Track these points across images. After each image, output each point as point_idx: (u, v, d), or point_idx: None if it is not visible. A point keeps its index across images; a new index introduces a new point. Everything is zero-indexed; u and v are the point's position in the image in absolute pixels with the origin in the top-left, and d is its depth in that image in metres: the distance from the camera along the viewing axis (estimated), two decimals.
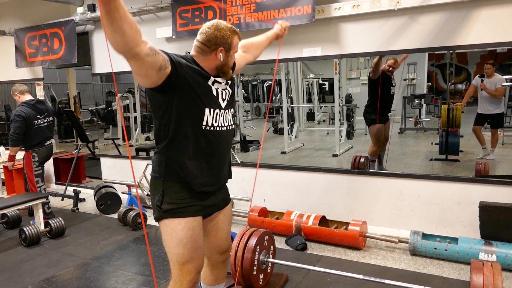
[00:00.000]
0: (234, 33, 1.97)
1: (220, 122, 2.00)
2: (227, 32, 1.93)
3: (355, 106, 7.90)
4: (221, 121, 2.01)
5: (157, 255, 3.70)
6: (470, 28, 3.44)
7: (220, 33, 1.91)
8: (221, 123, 2.00)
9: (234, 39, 1.96)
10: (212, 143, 1.98)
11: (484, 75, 5.90)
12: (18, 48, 6.07)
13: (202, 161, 1.97)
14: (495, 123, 5.96)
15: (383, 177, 4.06)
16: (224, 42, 1.92)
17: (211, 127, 1.96)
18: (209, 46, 1.92)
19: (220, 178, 2.11)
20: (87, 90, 13.83)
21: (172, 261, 2.00)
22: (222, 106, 2.01)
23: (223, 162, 2.10)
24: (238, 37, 2.00)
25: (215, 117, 1.96)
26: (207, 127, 1.94)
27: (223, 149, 2.07)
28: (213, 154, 2.00)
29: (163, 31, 4.82)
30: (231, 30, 1.95)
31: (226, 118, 2.04)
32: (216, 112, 1.97)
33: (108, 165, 5.91)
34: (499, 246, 3.21)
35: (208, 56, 1.94)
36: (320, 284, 3.07)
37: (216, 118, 1.97)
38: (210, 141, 1.97)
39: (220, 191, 2.17)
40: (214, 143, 1.99)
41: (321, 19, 3.96)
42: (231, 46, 1.96)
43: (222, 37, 1.91)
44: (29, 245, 4.05)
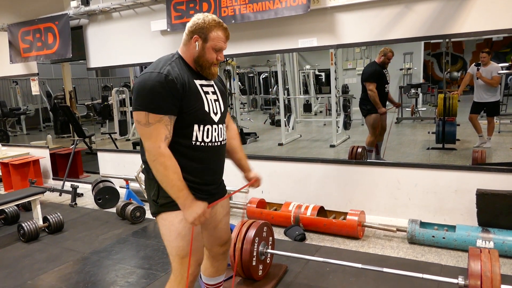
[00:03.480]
0: (217, 26, 1.89)
1: (214, 137, 1.96)
2: (207, 22, 1.87)
3: (352, 97, 7.89)
4: (215, 137, 1.97)
5: (156, 248, 3.71)
6: (466, 16, 3.43)
7: (199, 21, 1.88)
8: (215, 138, 1.97)
9: (213, 31, 1.88)
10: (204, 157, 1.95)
11: (480, 64, 5.90)
12: (12, 43, 6.02)
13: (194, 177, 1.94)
14: (491, 111, 5.97)
15: (381, 167, 4.07)
16: (200, 30, 1.87)
17: (202, 142, 1.93)
18: (188, 33, 1.91)
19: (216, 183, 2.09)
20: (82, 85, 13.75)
21: (172, 255, 1.98)
22: (215, 120, 1.97)
23: (219, 169, 2.08)
24: (223, 31, 1.91)
25: (204, 133, 1.92)
26: (197, 143, 1.92)
27: (219, 160, 2.05)
28: (205, 169, 1.98)
29: (157, 24, 4.79)
30: (214, 22, 1.88)
31: (218, 133, 1.99)
32: (207, 128, 1.93)
33: (106, 160, 5.90)
34: (496, 233, 3.23)
35: (188, 46, 1.92)
36: (319, 273, 3.08)
37: (208, 134, 1.94)
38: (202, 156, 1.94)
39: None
40: (208, 158, 1.97)
41: (316, 9, 3.94)
42: (208, 37, 1.87)
43: (198, 25, 1.88)
44: (28, 240, 4.05)
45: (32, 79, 6.33)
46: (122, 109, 9.69)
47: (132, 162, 5.44)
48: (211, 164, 2.01)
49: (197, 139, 1.91)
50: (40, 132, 12.05)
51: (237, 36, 4.38)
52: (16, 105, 12.11)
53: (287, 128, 8.15)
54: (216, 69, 1.98)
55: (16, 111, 11.73)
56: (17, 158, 6.15)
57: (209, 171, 2.01)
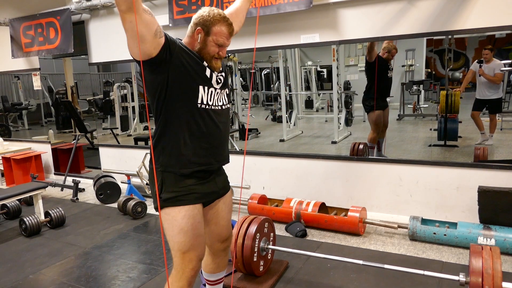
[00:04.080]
0: (221, 20, 1.90)
1: (214, 101, 1.98)
2: (211, 16, 1.88)
3: (354, 93, 7.88)
4: (216, 100, 1.99)
5: (158, 243, 3.72)
6: (469, 12, 3.41)
7: (204, 14, 1.89)
8: (215, 102, 1.99)
9: (216, 25, 1.89)
10: (208, 123, 1.96)
11: (482, 61, 5.88)
12: (14, 38, 6.02)
13: (199, 143, 1.95)
14: (494, 108, 5.96)
15: (382, 163, 4.06)
16: (204, 23, 1.88)
17: (206, 105, 1.94)
18: (192, 25, 1.92)
19: (219, 157, 2.09)
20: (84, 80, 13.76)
21: (174, 250, 1.99)
22: (217, 87, 1.99)
23: (221, 142, 2.08)
24: (226, 27, 1.91)
25: (209, 95, 1.95)
26: (202, 105, 1.93)
27: (220, 128, 2.04)
28: (210, 134, 1.98)
29: (159, 19, 4.68)
30: (218, 16, 1.89)
31: (221, 98, 2.03)
32: (211, 90, 1.96)
33: (107, 155, 5.90)
34: (497, 230, 3.22)
35: (191, 37, 1.94)
36: (320, 270, 3.09)
37: (210, 97, 1.96)
38: (206, 120, 1.95)
39: (219, 177, 2.16)
40: (211, 123, 1.97)
41: (318, 5, 3.92)
42: (210, 30, 1.89)
43: (202, 18, 1.89)
44: (30, 235, 4.06)
45: (34, 74, 6.32)
46: (123, 104, 9.70)
47: (133, 158, 5.45)
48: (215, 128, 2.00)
49: (202, 102, 1.93)
50: (41, 127, 12.07)
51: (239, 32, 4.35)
52: (18, 100, 12.13)
53: (289, 124, 8.15)
54: (219, 63, 1.99)
55: (18, 106, 11.75)
56: (19, 153, 6.16)
57: (212, 136, 2.01)
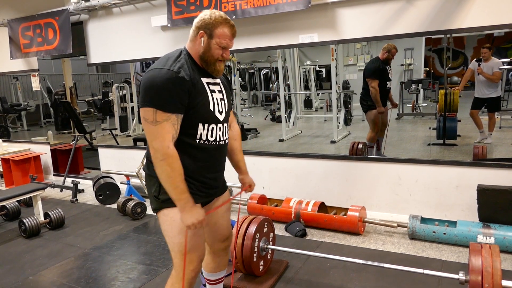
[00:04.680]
0: (223, 22, 1.88)
1: (216, 136, 1.97)
2: (213, 19, 1.86)
3: (352, 93, 7.88)
4: (219, 136, 1.98)
5: (157, 244, 3.72)
6: (467, 11, 3.41)
7: (206, 17, 1.87)
8: (218, 138, 1.98)
9: (219, 27, 1.87)
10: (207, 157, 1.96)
11: (481, 59, 5.89)
12: (12, 39, 6.01)
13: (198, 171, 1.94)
14: (492, 107, 5.96)
15: (381, 163, 4.06)
16: (206, 26, 1.87)
17: (206, 141, 1.93)
18: (194, 29, 1.90)
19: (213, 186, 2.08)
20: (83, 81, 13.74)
21: (174, 251, 1.97)
22: (220, 119, 1.97)
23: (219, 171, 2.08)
24: (229, 29, 1.90)
25: (208, 132, 1.92)
26: (201, 141, 1.92)
27: (219, 161, 2.05)
28: (207, 167, 1.98)
29: (158, 19, 4.77)
30: (220, 18, 1.88)
31: (223, 132, 2.00)
32: (212, 127, 1.93)
33: (106, 156, 5.90)
34: (497, 228, 3.23)
35: (194, 42, 1.91)
36: (320, 269, 3.09)
37: (211, 133, 1.94)
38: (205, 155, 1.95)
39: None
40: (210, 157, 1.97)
41: (317, 4, 3.93)
42: (213, 33, 1.87)
43: (204, 21, 1.87)
44: (29, 236, 4.06)
45: (32, 75, 6.32)
46: (122, 105, 9.69)
47: (132, 158, 5.44)
48: (214, 163, 2.02)
49: (201, 138, 1.91)
50: (40, 128, 12.05)
51: (238, 32, 4.34)
52: (17, 101, 12.10)
53: (288, 124, 8.15)
54: (222, 66, 1.97)
55: (16, 107, 11.73)
56: (18, 154, 6.15)
57: (212, 169, 2.01)
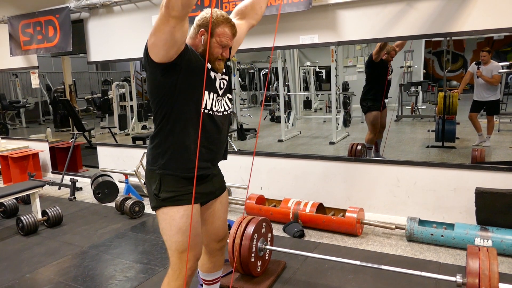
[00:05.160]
0: (224, 22, 1.90)
1: (218, 107, 2.01)
2: (214, 17, 1.88)
3: (352, 94, 7.89)
4: (219, 107, 2.02)
5: (155, 243, 3.72)
6: (468, 14, 3.42)
7: (207, 16, 1.90)
8: (218, 108, 2.01)
9: (220, 26, 1.88)
10: (210, 128, 1.98)
11: (480, 62, 5.90)
12: (12, 36, 6.00)
13: (201, 145, 1.95)
14: (491, 110, 5.98)
15: (380, 164, 4.07)
16: (206, 25, 1.89)
17: (210, 110, 1.96)
18: (195, 27, 1.94)
19: (216, 161, 2.13)
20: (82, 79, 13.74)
21: (171, 250, 1.99)
22: (220, 92, 2.02)
23: (220, 147, 2.10)
24: (230, 28, 1.91)
25: (213, 101, 1.97)
26: (206, 110, 1.94)
27: (221, 134, 2.06)
28: (211, 139, 2.00)
29: None
30: (222, 18, 1.90)
31: (223, 103, 2.05)
32: (214, 95, 1.98)
33: (105, 154, 5.89)
34: (494, 231, 3.23)
35: (194, 39, 1.95)
36: (317, 270, 3.09)
37: (214, 103, 1.98)
38: (209, 125, 1.97)
39: (216, 177, 2.17)
40: (213, 128, 1.99)
41: (318, 6, 3.93)
42: (214, 32, 1.88)
43: (206, 20, 1.90)
44: (27, 234, 4.05)
45: (32, 72, 6.31)
46: (122, 103, 9.69)
47: (131, 157, 5.44)
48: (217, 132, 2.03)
49: (206, 107, 1.94)
50: (39, 126, 12.05)
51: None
52: (16, 98, 12.10)
53: (287, 124, 8.15)
54: (222, 65, 1.99)
55: (15, 104, 11.72)
56: (16, 151, 6.15)
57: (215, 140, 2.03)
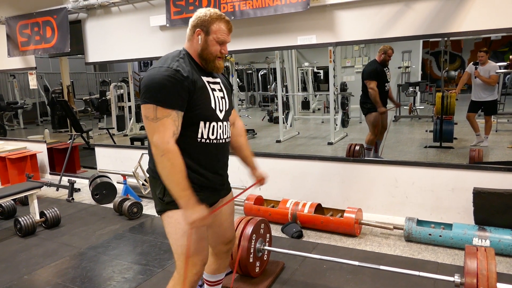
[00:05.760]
0: (219, 18, 1.90)
1: (218, 135, 1.97)
2: (208, 15, 1.88)
3: (350, 95, 7.90)
4: (220, 134, 1.98)
5: (154, 244, 3.71)
6: (465, 15, 3.43)
7: (201, 15, 1.90)
8: (219, 136, 1.98)
9: (215, 23, 1.89)
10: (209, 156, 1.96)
11: (478, 63, 5.91)
12: (10, 36, 5.99)
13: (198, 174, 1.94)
14: (489, 110, 5.99)
15: (378, 165, 4.07)
16: (202, 23, 1.89)
17: (207, 139, 1.93)
18: (191, 28, 1.93)
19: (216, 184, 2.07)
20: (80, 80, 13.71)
21: (177, 254, 1.96)
22: (220, 117, 1.97)
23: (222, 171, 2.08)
24: (225, 24, 1.92)
25: (211, 130, 1.93)
26: (202, 139, 1.92)
27: (221, 160, 2.05)
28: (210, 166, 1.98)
29: (157, 19, 4.76)
30: (215, 15, 1.90)
31: (223, 130, 2.01)
32: (213, 125, 1.94)
33: (103, 155, 5.88)
34: (492, 231, 3.24)
35: (191, 41, 1.93)
36: (316, 271, 3.09)
37: (213, 131, 1.94)
38: (207, 154, 1.95)
39: None
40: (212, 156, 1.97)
41: (316, 6, 3.93)
42: (210, 30, 1.89)
43: (200, 19, 1.89)
44: (25, 235, 4.04)
45: (30, 73, 6.30)
46: (120, 104, 9.66)
47: (129, 158, 5.43)
48: (215, 161, 2.01)
49: (202, 136, 1.92)
50: (37, 127, 12.02)
51: (236, 33, 4.34)
52: (14, 99, 12.06)
53: (285, 125, 8.15)
54: (222, 63, 1.98)
55: (13, 105, 11.68)
56: (14, 152, 6.13)
57: (213, 168, 2.01)
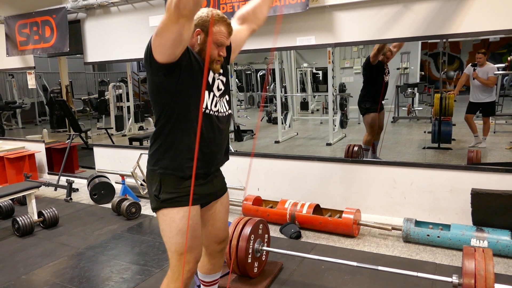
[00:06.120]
0: (220, 20, 1.90)
1: (218, 107, 2.01)
2: (209, 17, 1.88)
3: (349, 95, 7.91)
4: (219, 107, 2.02)
5: (152, 244, 3.71)
6: (463, 16, 3.43)
7: (203, 15, 1.89)
8: (219, 109, 2.02)
9: (215, 25, 1.89)
10: (210, 128, 1.98)
11: (476, 64, 5.93)
12: (9, 36, 5.98)
13: (200, 148, 1.93)
14: (487, 111, 6.01)
15: (377, 165, 4.08)
16: (203, 24, 1.89)
17: (210, 110, 1.97)
18: None
19: (216, 162, 2.11)
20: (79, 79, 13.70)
21: (171, 251, 1.98)
22: (217, 94, 2.01)
23: (220, 148, 2.09)
24: (225, 27, 1.91)
25: (212, 101, 1.98)
26: (207, 110, 1.95)
27: (221, 134, 2.06)
28: (211, 139, 1.99)
29: (156, 19, 4.77)
30: (217, 16, 1.89)
31: (222, 104, 2.05)
32: (212, 95, 1.98)
33: (101, 155, 5.88)
34: (490, 232, 3.25)
35: (190, 40, 1.92)
36: (314, 271, 3.09)
37: (214, 103, 1.99)
38: (209, 126, 1.97)
39: (217, 179, 2.16)
40: (212, 128, 1.99)
41: (315, 7, 3.94)
42: (209, 31, 1.88)
43: (201, 19, 1.89)
44: (23, 235, 4.03)
45: (28, 73, 6.29)
46: (118, 104, 9.67)
47: (128, 158, 5.43)
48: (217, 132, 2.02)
49: (206, 107, 1.95)
50: (35, 126, 12.01)
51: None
52: (12, 99, 12.05)
53: (284, 126, 8.16)
54: (218, 67, 2.00)
55: (11, 105, 11.67)
56: (12, 152, 6.12)
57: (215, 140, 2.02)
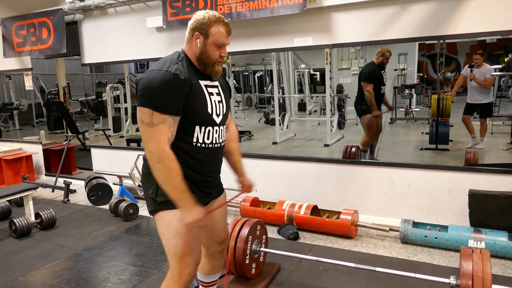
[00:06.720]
0: (217, 21, 1.88)
1: (214, 139, 1.97)
2: (207, 18, 1.86)
3: (346, 96, 7.90)
4: (215, 138, 1.98)
5: (149, 245, 3.70)
6: (461, 17, 3.44)
7: (200, 18, 1.88)
8: (215, 140, 1.98)
9: (213, 26, 1.87)
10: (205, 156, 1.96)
11: (473, 65, 5.94)
12: (6, 37, 5.97)
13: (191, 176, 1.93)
14: (484, 112, 6.02)
15: (374, 167, 4.08)
16: (200, 27, 1.87)
17: (202, 144, 1.93)
18: (189, 31, 1.91)
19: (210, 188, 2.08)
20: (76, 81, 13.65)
21: (170, 254, 1.96)
22: (217, 122, 1.96)
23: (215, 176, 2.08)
24: (224, 26, 1.90)
25: (207, 134, 1.93)
26: (198, 144, 1.92)
27: (215, 165, 2.05)
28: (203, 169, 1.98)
29: (153, 20, 4.76)
30: (214, 17, 1.88)
31: (221, 134, 2.01)
32: (208, 129, 1.93)
33: (99, 156, 5.87)
34: (487, 233, 3.25)
35: (190, 44, 1.92)
36: (312, 272, 3.09)
37: (208, 135, 1.94)
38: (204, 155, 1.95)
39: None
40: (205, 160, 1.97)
41: (312, 8, 3.94)
42: (208, 33, 1.87)
43: (198, 22, 1.87)
44: (20, 236, 4.02)
45: (25, 74, 6.28)
46: (116, 105, 9.65)
47: (125, 159, 5.42)
48: (210, 165, 2.01)
49: (197, 141, 1.91)
50: (33, 128, 11.97)
51: (233, 34, 4.31)
52: (9, 100, 12.02)
53: (282, 127, 8.15)
54: (220, 68, 1.98)
55: (9, 106, 11.64)
56: (9, 153, 6.10)
57: (207, 171, 2.01)
